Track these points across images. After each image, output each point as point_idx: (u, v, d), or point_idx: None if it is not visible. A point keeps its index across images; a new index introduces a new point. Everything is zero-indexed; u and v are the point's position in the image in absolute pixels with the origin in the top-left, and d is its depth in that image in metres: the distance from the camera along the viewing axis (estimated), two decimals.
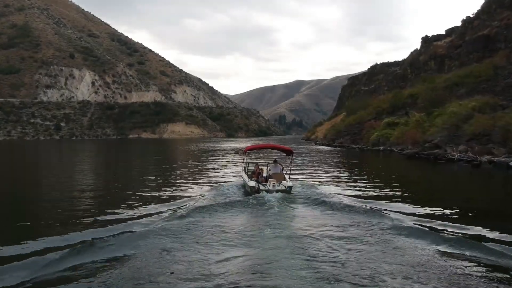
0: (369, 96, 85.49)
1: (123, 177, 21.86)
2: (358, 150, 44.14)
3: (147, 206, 11.68)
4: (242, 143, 79.65)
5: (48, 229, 9.26)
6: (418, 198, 13.58)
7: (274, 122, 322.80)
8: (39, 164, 33.62)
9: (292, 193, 12.74)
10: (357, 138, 48.97)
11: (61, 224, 9.75)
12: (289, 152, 16.20)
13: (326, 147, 55.43)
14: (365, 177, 19.63)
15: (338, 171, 23.32)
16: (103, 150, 62.86)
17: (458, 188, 16.81)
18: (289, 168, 15.53)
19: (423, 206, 11.65)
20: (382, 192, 14.64)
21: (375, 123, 45.50)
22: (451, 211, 11.04)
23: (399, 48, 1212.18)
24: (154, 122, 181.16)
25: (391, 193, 14.45)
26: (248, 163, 16.15)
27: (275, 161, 15.21)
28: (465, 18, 65.79)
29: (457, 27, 73.18)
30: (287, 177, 14.20)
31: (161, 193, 14.40)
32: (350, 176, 20.11)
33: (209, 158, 37.22)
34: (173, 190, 15.25)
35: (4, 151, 60.41)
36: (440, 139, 26.50)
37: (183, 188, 15.78)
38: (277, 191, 12.52)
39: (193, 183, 17.29)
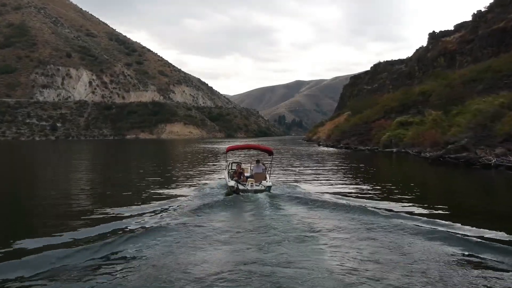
0: (371, 96, 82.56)
1: (115, 178, 21.41)
2: (368, 152, 40.72)
3: (134, 207, 11.51)
4: (240, 143, 76.18)
5: (33, 231, 9.28)
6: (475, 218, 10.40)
7: (274, 123, 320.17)
8: (36, 165, 32.61)
9: (270, 192, 12.75)
10: (364, 139, 45.63)
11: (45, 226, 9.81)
12: (270, 152, 16.30)
13: (330, 149, 51.96)
14: (392, 187, 16.36)
15: (354, 178, 20.13)
16: (97, 151, 59.60)
17: None
18: (270, 168, 15.59)
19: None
20: (426, 211, 11.46)
21: (385, 123, 42.20)
22: None
23: (399, 48, 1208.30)
24: (152, 123, 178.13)
25: (436, 210, 11.28)
26: (231, 163, 16.39)
27: (257, 161, 15.27)
28: (475, 12, 62.73)
29: (466, 22, 70.16)
30: (268, 176, 14.17)
31: (146, 195, 14.21)
32: (374, 186, 16.87)
33: (203, 159, 35.33)
34: (160, 191, 15.03)
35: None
36: (467, 140, 23.25)
37: (169, 189, 15.62)
38: (256, 191, 12.69)
39: (180, 184, 17.20)
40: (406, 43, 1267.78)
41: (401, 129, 37.27)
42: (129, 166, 30.20)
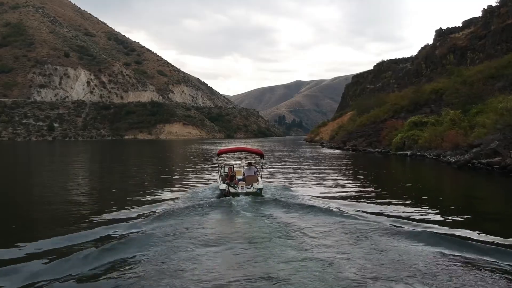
0: (375, 95, 79.97)
1: (109, 181, 21.10)
2: (379, 154, 37.87)
3: (125, 211, 11.36)
4: (240, 145, 73.28)
5: (28, 235, 8.90)
6: None
7: (274, 123, 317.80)
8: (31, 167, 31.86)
9: (262, 195, 12.81)
10: (373, 140, 42.83)
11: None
12: (261, 155, 16.25)
13: (336, 151, 48.84)
14: (426, 200, 13.77)
15: (376, 187, 17.56)
16: (93, 153, 56.92)
17: None
18: (261, 170, 15.58)
19: None
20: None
21: (397, 123, 39.45)
22: None
23: (399, 48, 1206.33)
24: (151, 123, 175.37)
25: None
26: (224, 166, 16.46)
27: (249, 164, 15.37)
28: (486, 8, 60.14)
29: (475, 18, 67.72)
30: (259, 179, 14.25)
31: (138, 198, 13.93)
32: (399, 196, 14.29)
33: (198, 162, 33.63)
34: (152, 195, 14.73)
35: None
36: (498, 143, 20.61)
37: (161, 192, 15.31)
38: (246, 193, 12.73)
39: (173, 187, 16.87)
40: (406, 43, 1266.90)
41: (415, 129, 34.51)
42: (124, 168, 29.45)
